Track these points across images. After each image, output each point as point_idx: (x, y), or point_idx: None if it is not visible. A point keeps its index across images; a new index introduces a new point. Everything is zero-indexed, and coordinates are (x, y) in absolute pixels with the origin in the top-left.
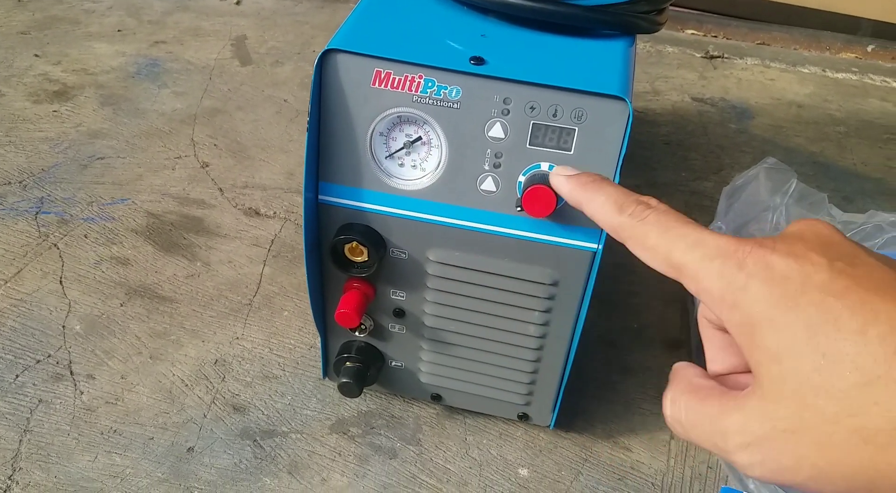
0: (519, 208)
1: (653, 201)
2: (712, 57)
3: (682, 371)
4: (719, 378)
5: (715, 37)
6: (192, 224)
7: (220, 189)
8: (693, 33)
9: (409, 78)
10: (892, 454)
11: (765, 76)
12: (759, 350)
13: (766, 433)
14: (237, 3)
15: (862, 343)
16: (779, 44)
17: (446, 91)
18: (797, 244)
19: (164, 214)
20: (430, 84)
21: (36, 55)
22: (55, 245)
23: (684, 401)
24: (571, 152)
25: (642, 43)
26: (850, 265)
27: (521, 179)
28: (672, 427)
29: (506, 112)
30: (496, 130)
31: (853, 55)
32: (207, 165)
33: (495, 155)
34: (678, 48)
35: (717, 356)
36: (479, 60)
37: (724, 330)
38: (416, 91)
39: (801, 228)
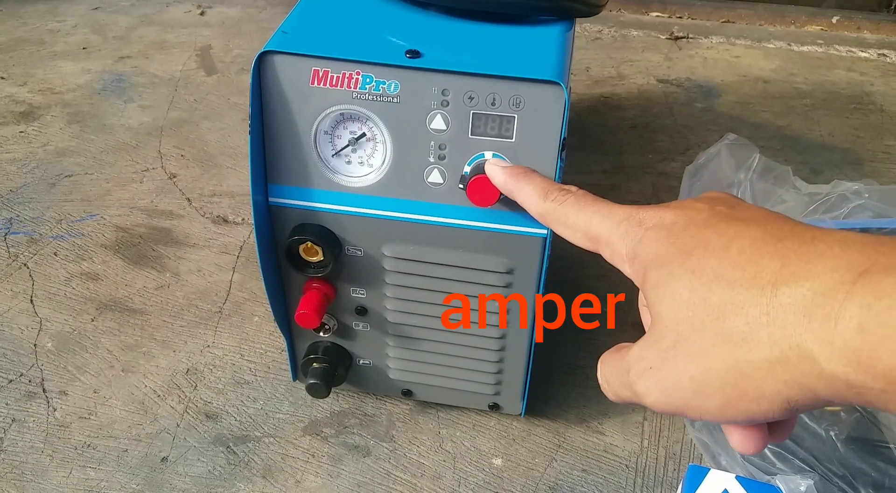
0: (462, 187)
1: (573, 188)
2: (677, 38)
3: (619, 344)
4: None
5: (679, 17)
6: (161, 236)
7: (188, 199)
8: (658, 15)
9: (347, 75)
10: (748, 349)
11: (730, 54)
12: (648, 285)
13: (656, 356)
14: (201, 14)
15: (724, 256)
16: (744, 21)
17: (385, 86)
18: (689, 201)
19: (133, 228)
20: (368, 80)
21: (1, 77)
22: (25, 265)
23: (606, 358)
24: (513, 140)
25: (607, 28)
26: (729, 208)
27: (467, 169)
28: (603, 389)
29: (445, 103)
30: (438, 122)
31: (818, 28)
32: (175, 176)
33: (439, 147)
34: (643, 31)
35: None
36: (414, 53)
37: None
38: (356, 88)
39: (702, 195)
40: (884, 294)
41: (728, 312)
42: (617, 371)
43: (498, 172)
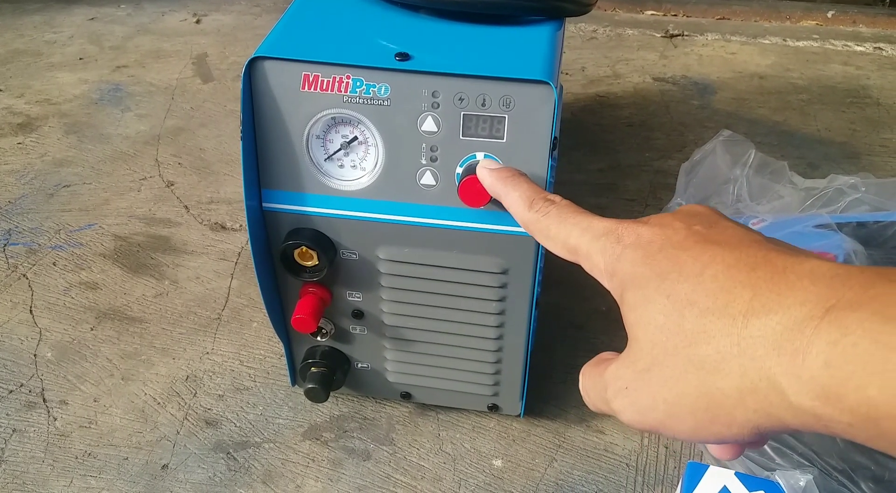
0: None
1: (556, 198)
2: (672, 36)
3: (600, 354)
4: None
5: (675, 15)
6: (159, 244)
7: (186, 207)
8: (653, 14)
9: (338, 79)
10: (720, 378)
11: (726, 51)
12: (626, 306)
13: (631, 376)
14: (197, 22)
15: (697, 282)
16: (739, 17)
17: (375, 89)
18: (667, 218)
19: (131, 236)
20: (358, 83)
21: None
22: (24, 275)
23: (587, 371)
24: (504, 140)
25: (602, 27)
26: (706, 228)
27: (459, 170)
28: (584, 399)
29: (436, 105)
30: (428, 124)
31: (813, 22)
32: (172, 184)
33: (431, 149)
34: (638, 30)
35: None
36: (404, 56)
37: None
38: (346, 91)
39: (681, 208)
40: (848, 331)
41: (700, 340)
42: (595, 387)
43: (487, 175)
